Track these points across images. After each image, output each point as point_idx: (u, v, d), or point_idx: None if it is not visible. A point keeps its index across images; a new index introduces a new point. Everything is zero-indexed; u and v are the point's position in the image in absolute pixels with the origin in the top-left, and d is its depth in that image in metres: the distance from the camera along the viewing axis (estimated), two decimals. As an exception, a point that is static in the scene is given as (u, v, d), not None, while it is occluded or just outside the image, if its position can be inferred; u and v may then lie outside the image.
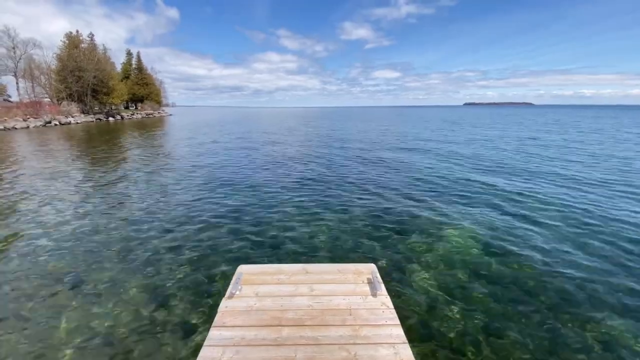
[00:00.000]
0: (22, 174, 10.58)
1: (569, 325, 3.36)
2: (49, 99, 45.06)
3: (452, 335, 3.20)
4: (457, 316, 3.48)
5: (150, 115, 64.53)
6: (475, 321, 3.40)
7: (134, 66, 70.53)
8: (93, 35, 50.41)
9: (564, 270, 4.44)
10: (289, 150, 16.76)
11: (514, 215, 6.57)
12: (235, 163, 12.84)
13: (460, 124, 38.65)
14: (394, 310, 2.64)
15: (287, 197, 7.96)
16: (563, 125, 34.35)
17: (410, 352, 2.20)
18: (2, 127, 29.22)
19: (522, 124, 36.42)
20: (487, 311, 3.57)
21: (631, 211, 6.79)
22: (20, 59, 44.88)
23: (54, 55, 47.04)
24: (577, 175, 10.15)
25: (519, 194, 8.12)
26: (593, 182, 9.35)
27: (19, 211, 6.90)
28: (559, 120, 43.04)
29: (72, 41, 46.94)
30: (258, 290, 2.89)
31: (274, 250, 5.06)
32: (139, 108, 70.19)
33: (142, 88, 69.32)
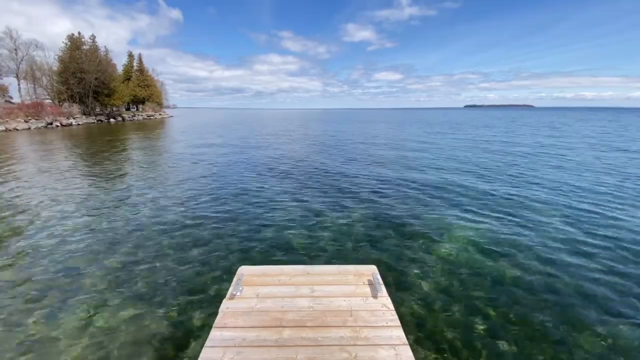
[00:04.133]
0: (23, 175, 10.61)
1: (571, 329, 3.36)
2: (50, 101, 45.20)
3: (452, 337, 3.20)
4: (458, 318, 3.48)
5: (152, 117, 64.66)
6: (476, 324, 3.40)
7: (135, 68, 70.68)
8: (95, 36, 50.58)
9: (565, 273, 4.44)
10: (290, 151, 16.78)
11: (515, 218, 6.57)
12: (237, 164, 12.86)
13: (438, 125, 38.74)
14: (394, 311, 2.64)
15: (288, 198, 7.98)
16: (557, 128, 34.36)
17: (411, 353, 2.20)
18: (3, 128, 29.31)
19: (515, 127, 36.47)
20: (488, 314, 3.57)
21: (632, 215, 6.79)
22: (22, 60, 45.08)
23: (56, 56, 47.26)
24: (575, 180, 10.15)
25: (520, 197, 8.12)
26: (592, 186, 9.35)
27: (21, 211, 6.92)
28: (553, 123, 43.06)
29: (74, 43, 47.07)
30: (259, 292, 2.90)
31: (275, 251, 5.07)
32: (140, 109, 70.36)
33: (143, 90, 69.44)
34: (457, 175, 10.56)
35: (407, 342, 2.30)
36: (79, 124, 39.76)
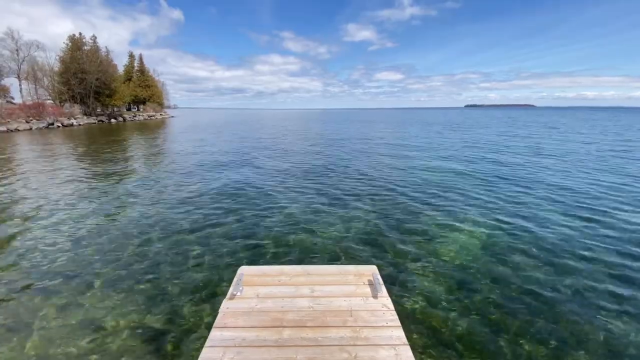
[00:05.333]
0: (25, 175, 10.64)
1: (574, 327, 3.35)
2: (51, 101, 45.28)
3: (453, 337, 3.19)
4: (459, 318, 3.48)
5: (152, 117, 64.78)
6: (477, 323, 3.40)
7: (136, 68, 70.81)
8: (95, 37, 50.69)
9: (568, 272, 4.43)
10: (291, 150, 16.78)
11: (515, 217, 6.56)
12: (238, 165, 12.87)
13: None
14: (394, 311, 2.64)
15: (289, 198, 7.98)
16: (552, 127, 34.30)
17: (411, 353, 2.19)
18: (4, 128, 29.38)
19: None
20: (489, 313, 3.57)
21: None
22: (23, 61, 45.16)
23: (57, 57, 47.37)
24: (577, 175, 10.13)
25: (521, 196, 8.11)
26: (595, 180, 9.33)
27: (23, 211, 6.94)
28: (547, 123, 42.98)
29: (75, 43, 47.16)
30: (259, 292, 2.89)
31: (275, 251, 5.07)
32: (141, 110, 70.48)
33: (144, 90, 69.56)
34: (458, 176, 10.55)
35: (407, 342, 2.30)
36: (80, 125, 39.84)
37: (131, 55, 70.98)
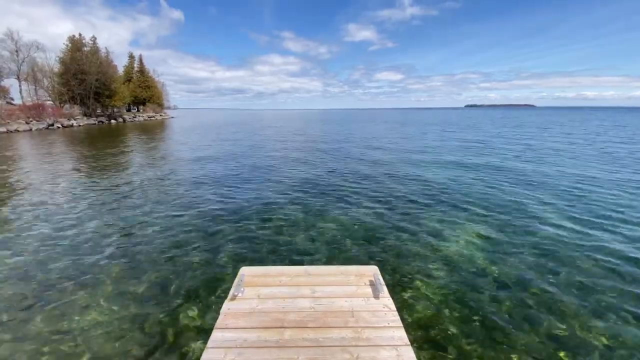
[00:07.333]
0: (25, 176, 10.64)
1: (576, 329, 3.34)
2: (51, 102, 45.28)
3: (455, 338, 3.18)
4: (461, 319, 3.47)
5: (152, 118, 64.80)
6: (479, 324, 3.39)
7: (136, 69, 70.83)
8: (95, 38, 50.68)
9: (569, 272, 4.42)
10: (292, 149, 16.78)
11: (517, 217, 6.56)
12: (238, 165, 12.86)
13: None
14: (396, 312, 2.64)
15: (289, 198, 7.97)
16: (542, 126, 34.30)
17: (413, 354, 2.19)
18: (4, 129, 29.38)
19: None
20: (491, 314, 3.56)
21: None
22: (23, 61, 45.16)
23: (57, 58, 47.36)
24: (580, 176, 10.13)
25: (522, 196, 8.11)
26: (596, 180, 9.33)
27: (23, 211, 6.94)
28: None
29: (75, 44, 47.15)
30: (260, 292, 2.90)
31: (276, 251, 5.06)
32: (141, 110, 70.50)
33: (144, 91, 69.57)
34: (458, 176, 10.55)
35: (409, 342, 2.30)
36: (80, 125, 39.84)
37: (131, 56, 71.01)
